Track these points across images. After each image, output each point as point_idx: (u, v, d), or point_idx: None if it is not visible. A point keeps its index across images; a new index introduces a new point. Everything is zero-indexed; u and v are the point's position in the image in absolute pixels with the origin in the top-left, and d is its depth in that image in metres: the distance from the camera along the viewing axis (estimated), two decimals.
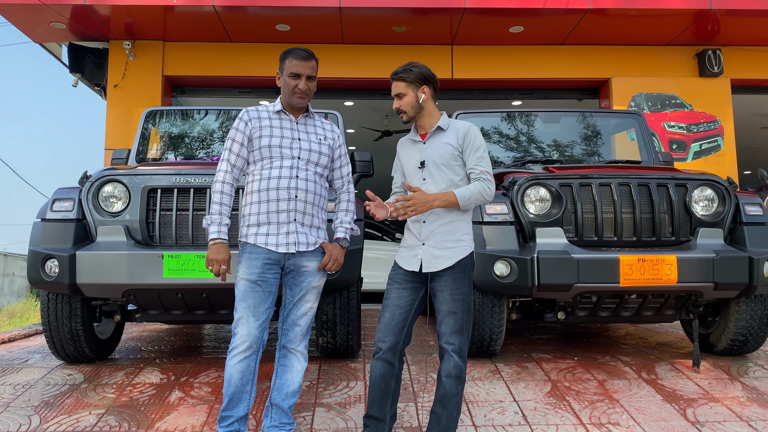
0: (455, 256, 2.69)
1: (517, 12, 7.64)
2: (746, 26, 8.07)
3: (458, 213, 2.74)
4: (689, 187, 3.81)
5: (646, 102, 8.66)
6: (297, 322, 2.83)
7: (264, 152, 2.77)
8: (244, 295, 2.69)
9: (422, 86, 2.76)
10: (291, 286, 2.83)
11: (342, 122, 5.34)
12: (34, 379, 3.78)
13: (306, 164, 2.81)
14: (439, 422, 2.67)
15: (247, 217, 2.78)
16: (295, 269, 2.81)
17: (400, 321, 2.72)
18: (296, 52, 2.78)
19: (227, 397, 2.68)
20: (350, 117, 10.69)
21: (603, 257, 3.56)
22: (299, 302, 2.83)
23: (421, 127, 2.84)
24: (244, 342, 2.67)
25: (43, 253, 3.56)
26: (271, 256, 2.73)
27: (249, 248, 2.74)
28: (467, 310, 2.69)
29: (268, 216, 2.74)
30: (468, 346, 2.74)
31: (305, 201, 2.79)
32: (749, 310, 3.95)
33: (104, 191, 3.67)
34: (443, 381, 2.68)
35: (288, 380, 2.83)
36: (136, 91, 8.35)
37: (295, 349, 2.84)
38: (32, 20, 7.71)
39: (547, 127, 5.41)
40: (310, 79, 2.79)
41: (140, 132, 5.22)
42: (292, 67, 2.77)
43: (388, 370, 2.72)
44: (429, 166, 2.77)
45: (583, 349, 4.54)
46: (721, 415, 3.19)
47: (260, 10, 7.58)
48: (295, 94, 2.79)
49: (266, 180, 2.75)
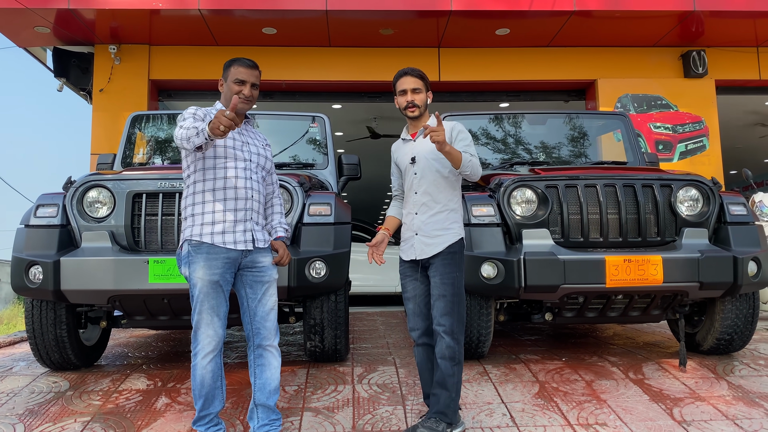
0: (444, 242, 2.93)
1: (503, 14, 7.67)
2: (730, 27, 8.15)
3: (445, 204, 2.99)
4: (674, 187, 3.83)
5: (632, 103, 8.71)
6: (267, 317, 2.87)
7: (219, 151, 2.78)
8: (206, 297, 2.70)
9: (429, 91, 3.08)
10: (251, 283, 2.86)
11: (329, 125, 5.33)
12: (18, 387, 3.74)
13: (256, 167, 2.91)
14: (438, 402, 2.87)
15: (200, 216, 2.76)
16: (252, 266, 2.84)
17: (424, 307, 3.01)
18: (242, 60, 2.89)
19: (202, 397, 2.73)
20: (337, 120, 10.68)
21: (589, 258, 3.58)
22: (263, 298, 2.86)
23: (413, 126, 3.09)
24: (211, 343, 2.71)
25: (27, 259, 3.53)
26: (230, 255, 2.75)
27: (206, 248, 2.72)
28: (457, 294, 2.90)
29: (224, 214, 2.76)
30: (462, 329, 2.91)
31: (258, 201, 2.89)
32: (734, 309, 3.98)
33: (89, 196, 3.64)
34: (439, 363, 2.88)
35: (268, 378, 2.87)
36: (122, 96, 8.30)
37: (270, 346, 2.88)
38: (16, 24, 7.64)
39: (533, 129, 5.43)
40: (254, 87, 2.89)
41: (126, 136, 5.19)
42: (237, 74, 2.85)
43: (429, 351, 3.03)
44: (419, 161, 3.02)
45: (570, 350, 4.55)
46: (708, 414, 3.21)
47: (246, 13, 7.56)
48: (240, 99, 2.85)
49: (222, 179, 2.77)
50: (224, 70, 2.91)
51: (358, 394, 3.55)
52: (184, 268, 2.77)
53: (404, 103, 3.00)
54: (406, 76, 3.01)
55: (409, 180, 3.05)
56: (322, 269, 3.64)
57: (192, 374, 2.73)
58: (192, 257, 2.73)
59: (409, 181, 3.05)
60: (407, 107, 3.00)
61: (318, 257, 3.62)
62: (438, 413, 2.86)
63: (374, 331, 5.65)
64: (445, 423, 2.85)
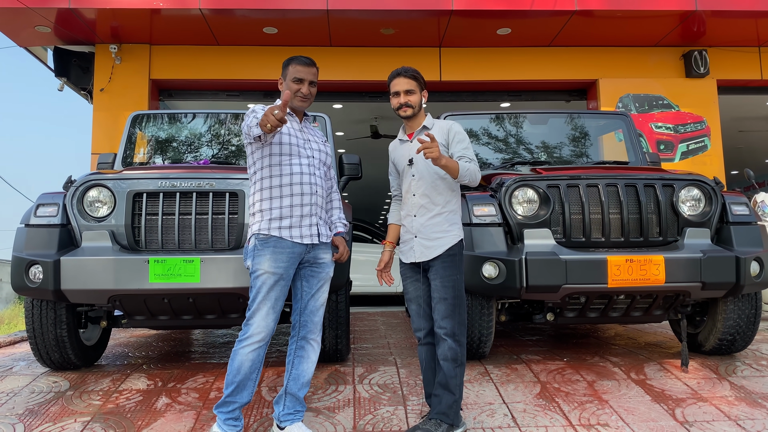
0: (443, 245, 2.93)
1: (504, 14, 7.66)
2: (731, 27, 8.13)
3: (444, 206, 2.98)
4: (676, 187, 3.82)
5: (633, 103, 8.70)
6: (316, 312, 2.96)
7: (284, 149, 2.86)
8: (270, 289, 2.76)
9: (424, 90, 3.07)
10: (308, 278, 2.94)
11: (330, 125, 5.32)
12: (18, 386, 3.73)
13: (319, 163, 2.99)
14: (441, 403, 2.88)
15: (267, 212, 2.83)
16: (313, 261, 2.93)
17: (427, 307, 3.00)
18: (300, 59, 2.96)
19: (234, 384, 2.74)
20: (338, 119, 10.67)
21: (591, 258, 3.57)
22: (317, 293, 2.96)
23: (409, 127, 3.09)
24: (260, 333, 2.75)
25: (27, 259, 3.52)
26: (295, 250, 2.83)
27: (274, 241, 2.79)
28: (458, 296, 2.90)
29: (291, 209, 2.83)
30: (464, 331, 2.92)
31: (322, 196, 2.97)
32: (737, 309, 3.97)
33: (89, 196, 3.63)
34: (441, 365, 2.89)
35: (304, 370, 2.96)
36: (122, 95, 8.29)
37: (314, 339, 2.97)
38: (17, 24, 7.64)
39: (534, 129, 5.42)
40: (311, 84, 2.96)
41: (126, 136, 5.18)
42: (296, 72, 2.92)
43: (434, 351, 3.02)
44: (417, 163, 3.01)
45: (572, 350, 4.54)
46: (710, 415, 3.19)
47: (247, 12, 7.55)
48: (298, 97, 2.94)
49: (288, 176, 2.85)
50: (283, 68, 2.98)
51: (359, 394, 3.54)
52: (249, 260, 2.83)
53: (397, 105, 3.01)
54: (398, 78, 3.00)
55: (407, 182, 3.05)
56: None
57: (231, 358, 2.77)
58: (258, 250, 2.79)
59: (407, 183, 3.05)
60: (400, 108, 3.01)
61: None
62: (440, 414, 2.87)
63: (375, 332, 5.64)
64: (447, 424, 2.85)
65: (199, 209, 3.56)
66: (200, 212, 3.56)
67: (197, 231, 3.54)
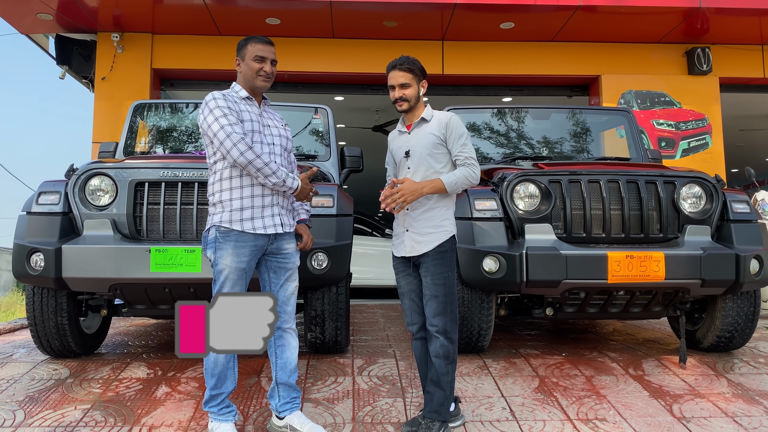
0: (434, 240, 2.86)
1: (507, 8, 7.63)
2: (735, 25, 8.11)
3: (438, 200, 2.90)
4: (677, 184, 3.82)
5: (635, 99, 8.69)
6: (288, 302, 2.92)
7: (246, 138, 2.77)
8: (234, 284, 2.72)
9: (423, 80, 2.98)
10: (274, 269, 2.89)
11: (332, 117, 5.31)
12: (18, 373, 3.74)
13: (279, 149, 2.91)
14: (432, 400, 2.85)
15: (228, 202, 2.76)
16: (277, 252, 2.87)
17: (419, 302, 2.95)
18: (259, 37, 2.91)
19: (214, 377, 2.74)
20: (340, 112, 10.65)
21: (591, 253, 3.58)
22: (285, 283, 2.91)
23: (408, 118, 3.03)
24: None
25: (29, 246, 3.52)
26: (258, 243, 2.77)
27: (235, 235, 2.73)
28: (449, 293, 2.85)
29: (252, 200, 2.77)
30: (456, 328, 2.88)
31: None
32: (735, 306, 3.98)
33: (91, 184, 3.63)
34: (433, 361, 2.86)
35: (288, 357, 2.93)
36: (124, 84, 8.27)
37: (290, 328, 2.94)
38: (19, 11, 7.60)
39: (536, 124, 5.42)
40: (273, 63, 2.91)
41: (128, 125, 5.18)
42: (257, 50, 2.88)
43: (426, 346, 2.96)
44: (413, 155, 2.95)
45: (570, 345, 4.55)
46: (707, 411, 3.21)
47: (250, 3, 7.52)
48: (260, 76, 2.89)
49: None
50: (239, 49, 2.90)
51: (358, 385, 3.55)
52: (210, 252, 2.78)
53: (393, 99, 2.97)
54: (394, 70, 2.94)
55: (403, 174, 2.98)
56: (324, 261, 3.63)
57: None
58: (220, 243, 2.74)
59: (403, 175, 2.97)
60: (396, 102, 2.96)
61: (320, 249, 3.61)
62: (432, 412, 2.85)
63: (374, 324, 5.66)
64: (439, 422, 2.84)
65: (200, 199, 3.56)
66: (202, 202, 3.56)
67: (199, 220, 3.54)
